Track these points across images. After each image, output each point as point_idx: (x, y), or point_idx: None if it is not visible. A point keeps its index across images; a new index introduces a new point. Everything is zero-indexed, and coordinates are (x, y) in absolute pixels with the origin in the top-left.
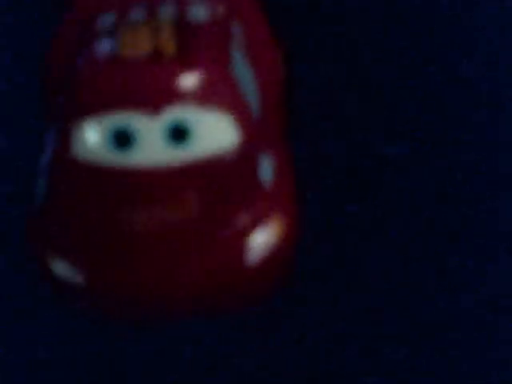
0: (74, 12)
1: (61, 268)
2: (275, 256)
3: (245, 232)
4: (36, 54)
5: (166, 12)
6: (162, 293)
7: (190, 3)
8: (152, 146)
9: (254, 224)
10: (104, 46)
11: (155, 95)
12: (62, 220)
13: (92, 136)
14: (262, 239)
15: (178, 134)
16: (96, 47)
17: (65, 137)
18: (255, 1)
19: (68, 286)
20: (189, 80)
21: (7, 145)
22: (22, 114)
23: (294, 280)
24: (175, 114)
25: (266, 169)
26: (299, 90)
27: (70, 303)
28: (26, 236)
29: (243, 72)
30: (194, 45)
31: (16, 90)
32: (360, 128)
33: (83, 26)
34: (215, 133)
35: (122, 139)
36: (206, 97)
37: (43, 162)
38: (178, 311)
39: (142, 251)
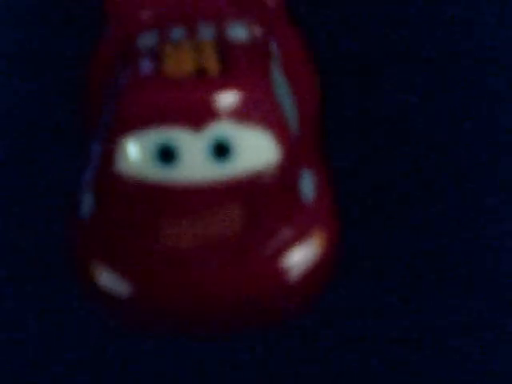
0: (111, 30)
1: (107, 281)
2: (316, 272)
3: (286, 248)
4: (73, 70)
5: (206, 32)
6: (204, 307)
7: (229, 23)
8: (195, 162)
9: (296, 240)
10: (148, 64)
11: (199, 112)
12: (108, 234)
13: (137, 151)
14: (303, 255)
15: (221, 150)
16: (140, 65)
17: (110, 152)
18: (292, 24)
19: (113, 299)
20: (231, 98)
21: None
22: (57, 128)
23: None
24: (218, 130)
25: (307, 185)
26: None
27: (112, 317)
28: (69, 250)
29: (282, 90)
30: (235, 63)
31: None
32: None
33: (123, 44)
34: (256, 150)
35: (166, 155)
36: (247, 114)
37: (87, 177)
38: (219, 325)
39: (186, 265)
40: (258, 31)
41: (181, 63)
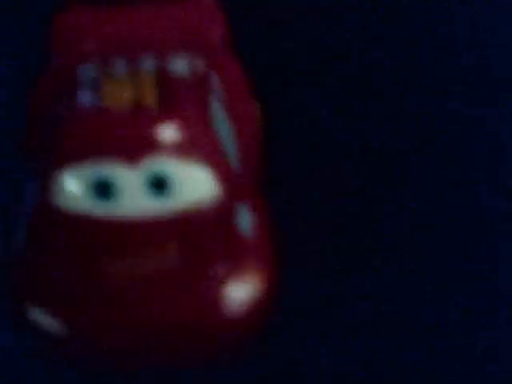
0: (53, 62)
1: (41, 319)
2: (254, 308)
3: (223, 283)
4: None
5: (147, 64)
6: (140, 343)
7: (171, 56)
8: (132, 197)
9: (233, 275)
10: (86, 97)
11: (135, 146)
12: (42, 270)
13: (73, 185)
14: (240, 291)
15: (158, 184)
16: (78, 98)
17: (46, 186)
18: (233, 55)
19: (47, 336)
20: (169, 132)
21: None
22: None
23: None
24: (155, 164)
25: (245, 220)
26: (274, 142)
27: (50, 353)
28: (3, 286)
29: (222, 124)
30: (174, 97)
31: None
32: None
33: (63, 77)
34: (194, 184)
35: (103, 189)
36: (185, 149)
37: (22, 211)
38: (155, 360)
39: (122, 302)
40: (199, 64)
41: (119, 96)
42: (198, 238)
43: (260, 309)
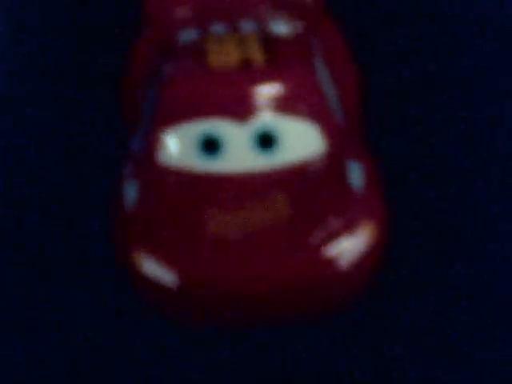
0: (150, 28)
1: (151, 270)
2: (365, 262)
3: (334, 238)
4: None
5: (248, 27)
6: (251, 296)
7: (270, 19)
8: (239, 153)
9: (344, 229)
10: (191, 57)
11: (244, 103)
12: (152, 224)
13: (181, 143)
14: (352, 245)
15: (266, 141)
16: (183, 58)
17: (154, 143)
18: (333, 21)
19: (157, 288)
20: (277, 89)
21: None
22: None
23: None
24: (263, 122)
25: (354, 175)
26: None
27: (156, 306)
28: (114, 239)
29: (325, 82)
30: (280, 55)
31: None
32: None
33: (163, 41)
34: (302, 141)
35: (211, 146)
36: (292, 105)
37: (130, 168)
38: (266, 315)
39: (231, 254)
40: (298, 27)
41: (225, 55)
42: (306, 192)
43: (370, 263)
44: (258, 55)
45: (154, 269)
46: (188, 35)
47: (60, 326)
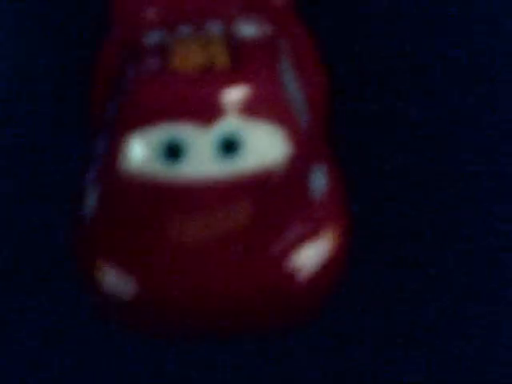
0: (116, 29)
1: (110, 279)
2: (326, 269)
3: (296, 245)
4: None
5: (214, 28)
6: (210, 306)
7: (237, 21)
8: (203, 158)
9: (307, 235)
10: (155, 60)
11: (207, 107)
12: (113, 232)
13: (143, 148)
14: (313, 252)
15: (229, 146)
16: (147, 61)
17: (115, 149)
18: (301, 22)
19: (116, 297)
20: (241, 93)
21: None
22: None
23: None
24: (226, 126)
25: (317, 180)
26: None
27: (114, 316)
28: (72, 248)
29: (292, 86)
30: (245, 58)
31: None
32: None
33: (129, 43)
34: (266, 145)
35: (173, 151)
36: (257, 109)
37: (92, 174)
38: (225, 326)
39: (192, 262)
40: (266, 28)
41: (189, 58)
42: (268, 198)
43: (332, 270)
44: (222, 58)
45: (113, 278)
46: (154, 37)
47: (17, 336)
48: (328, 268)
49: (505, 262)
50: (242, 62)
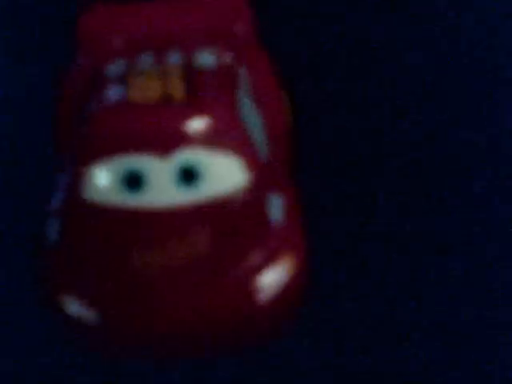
0: (82, 58)
1: (73, 308)
2: (286, 294)
3: (256, 270)
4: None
5: (174, 58)
6: (173, 331)
7: (197, 50)
8: (163, 188)
9: (265, 262)
10: (115, 92)
11: (165, 138)
12: (74, 261)
13: (104, 178)
14: (272, 277)
15: (188, 175)
16: (107, 93)
17: (77, 179)
18: (260, 48)
19: (80, 326)
20: (198, 123)
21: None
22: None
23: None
24: (185, 156)
25: (275, 208)
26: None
27: (80, 343)
28: (36, 276)
29: (250, 115)
30: (202, 89)
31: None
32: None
33: (92, 73)
34: (224, 174)
35: (134, 181)
36: (215, 139)
37: (55, 203)
38: (189, 350)
39: (154, 291)
40: (226, 57)
41: (147, 90)
42: (229, 226)
43: (292, 295)
44: (178, 90)
45: (76, 307)
46: (116, 67)
47: None
48: (287, 292)
49: (505, 262)
50: (198, 93)
